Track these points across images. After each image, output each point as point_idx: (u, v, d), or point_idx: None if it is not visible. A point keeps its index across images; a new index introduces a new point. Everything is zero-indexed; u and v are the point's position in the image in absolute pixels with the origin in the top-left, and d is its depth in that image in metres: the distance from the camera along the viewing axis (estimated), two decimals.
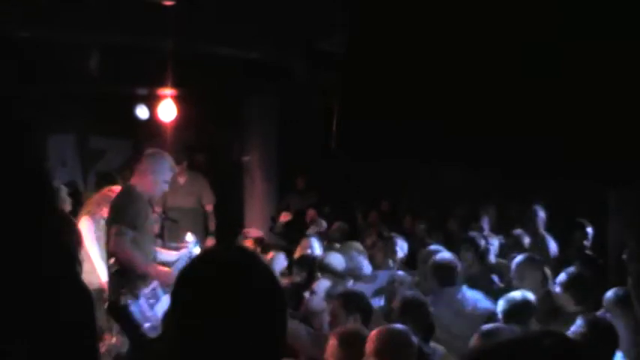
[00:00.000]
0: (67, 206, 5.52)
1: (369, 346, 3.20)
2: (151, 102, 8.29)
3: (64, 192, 5.43)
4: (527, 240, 6.25)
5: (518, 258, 4.91)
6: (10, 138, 1.51)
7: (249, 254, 1.63)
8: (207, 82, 7.69)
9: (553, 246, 6.31)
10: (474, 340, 3.24)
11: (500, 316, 4.06)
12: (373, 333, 3.27)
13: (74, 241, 4.03)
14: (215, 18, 5.84)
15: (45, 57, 6.50)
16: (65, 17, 5.70)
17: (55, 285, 1.48)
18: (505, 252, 6.30)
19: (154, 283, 4.33)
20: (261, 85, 8.11)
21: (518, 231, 6.40)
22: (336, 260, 5.32)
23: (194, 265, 1.55)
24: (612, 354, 3.37)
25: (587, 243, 6.22)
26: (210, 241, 7.68)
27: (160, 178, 4.55)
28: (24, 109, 1.60)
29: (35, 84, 7.01)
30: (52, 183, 1.60)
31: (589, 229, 6.24)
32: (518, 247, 6.02)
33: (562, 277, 4.44)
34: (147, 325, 4.20)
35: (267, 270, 1.55)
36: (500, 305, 4.09)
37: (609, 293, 4.07)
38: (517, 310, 4.00)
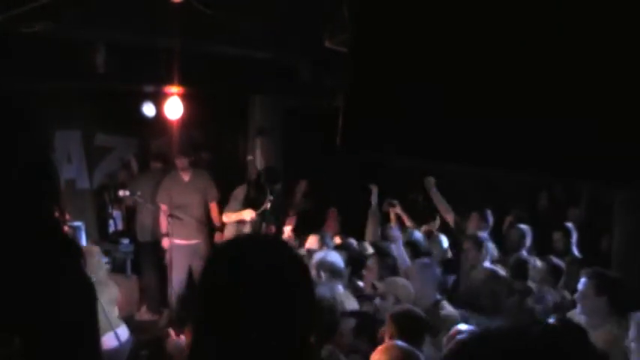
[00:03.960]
0: None
1: None
2: (158, 100, 8.31)
3: None
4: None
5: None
6: (11, 128, 1.52)
7: (283, 248, 1.60)
8: (213, 81, 7.70)
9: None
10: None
11: None
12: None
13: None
14: (222, 17, 5.85)
15: (52, 53, 6.52)
16: (73, 14, 5.72)
17: (55, 278, 1.48)
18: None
19: None
20: (267, 84, 8.12)
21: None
22: (336, 259, 5.29)
23: (221, 254, 1.54)
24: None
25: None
26: (218, 237, 7.69)
27: None
28: (29, 103, 1.60)
29: (42, 80, 7.04)
30: (56, 174, 1.59)
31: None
32: None
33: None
34: None
35: (298, 264, 1.53)
36: None
37: None
38: None
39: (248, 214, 7.12)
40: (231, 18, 6.00)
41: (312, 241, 6.39)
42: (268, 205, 7.12)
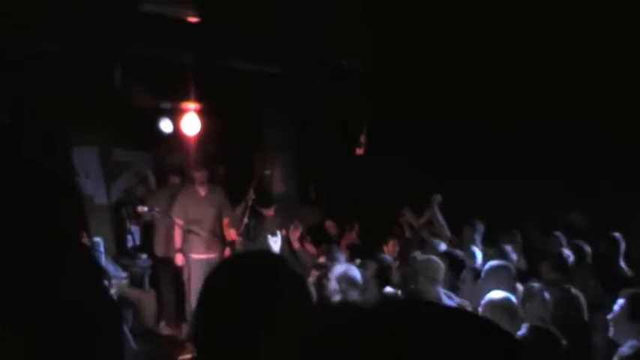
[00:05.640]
0: None
1: None
2: (174, 115, 8.36)
3: None
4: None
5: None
6: (38, 151, 1.55)
7: (276, 259, 1.62)
8: (229, 96, 7.75)
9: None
10: None
11: None
12: None
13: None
14: (237, 33, 5.91)
15: (70, 70, 6.60)
16: (91, 31, 5.79)
17: (77, 296, 1.50)
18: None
19: None
20: (282, 98, 8.16)
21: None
22: (354, 272, 5.32)
23: (221, 271, 1.55)
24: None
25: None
26: (227, 252, 7.70)
27: None
28: (54, 125, 1.63)
29: (60, 96, 7.12)
30: (80, 195, 1.62)
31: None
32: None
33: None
34: None
35: (295, 275, 1.54)
36: None
37: None
38: None
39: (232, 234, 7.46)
40: (245, 34, 6.06)
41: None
42: (246, 220, 7.31)
